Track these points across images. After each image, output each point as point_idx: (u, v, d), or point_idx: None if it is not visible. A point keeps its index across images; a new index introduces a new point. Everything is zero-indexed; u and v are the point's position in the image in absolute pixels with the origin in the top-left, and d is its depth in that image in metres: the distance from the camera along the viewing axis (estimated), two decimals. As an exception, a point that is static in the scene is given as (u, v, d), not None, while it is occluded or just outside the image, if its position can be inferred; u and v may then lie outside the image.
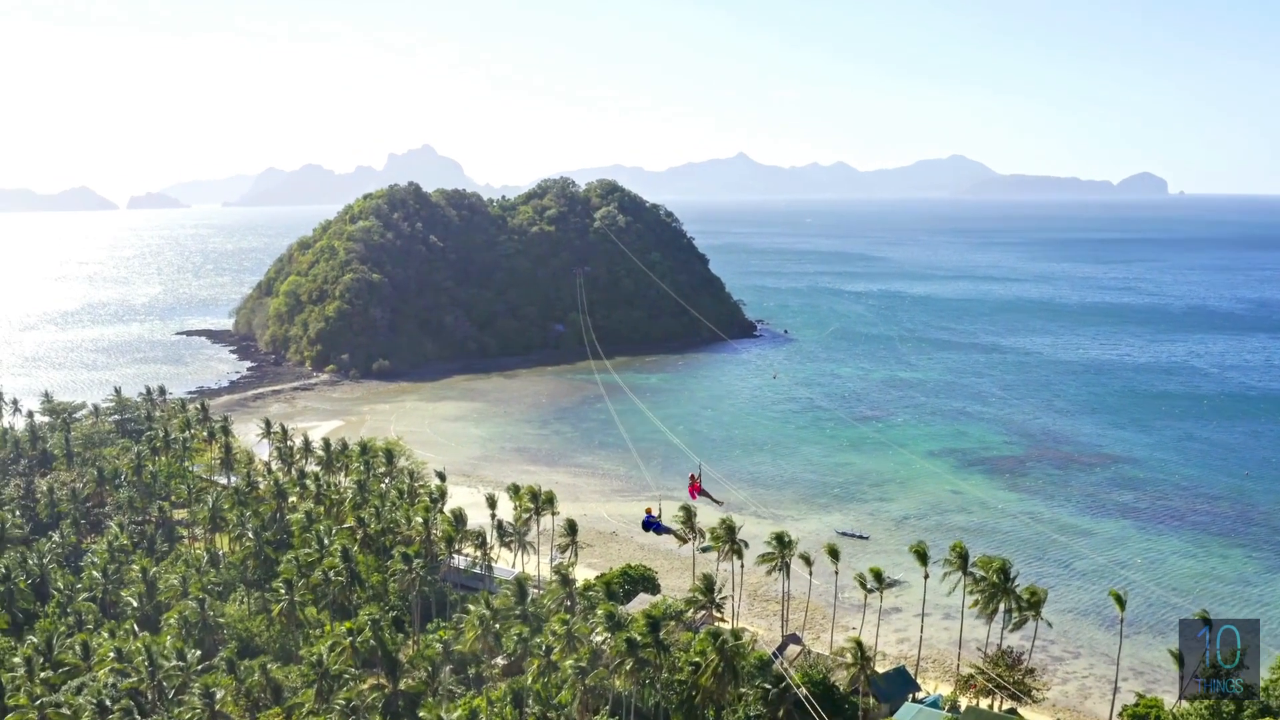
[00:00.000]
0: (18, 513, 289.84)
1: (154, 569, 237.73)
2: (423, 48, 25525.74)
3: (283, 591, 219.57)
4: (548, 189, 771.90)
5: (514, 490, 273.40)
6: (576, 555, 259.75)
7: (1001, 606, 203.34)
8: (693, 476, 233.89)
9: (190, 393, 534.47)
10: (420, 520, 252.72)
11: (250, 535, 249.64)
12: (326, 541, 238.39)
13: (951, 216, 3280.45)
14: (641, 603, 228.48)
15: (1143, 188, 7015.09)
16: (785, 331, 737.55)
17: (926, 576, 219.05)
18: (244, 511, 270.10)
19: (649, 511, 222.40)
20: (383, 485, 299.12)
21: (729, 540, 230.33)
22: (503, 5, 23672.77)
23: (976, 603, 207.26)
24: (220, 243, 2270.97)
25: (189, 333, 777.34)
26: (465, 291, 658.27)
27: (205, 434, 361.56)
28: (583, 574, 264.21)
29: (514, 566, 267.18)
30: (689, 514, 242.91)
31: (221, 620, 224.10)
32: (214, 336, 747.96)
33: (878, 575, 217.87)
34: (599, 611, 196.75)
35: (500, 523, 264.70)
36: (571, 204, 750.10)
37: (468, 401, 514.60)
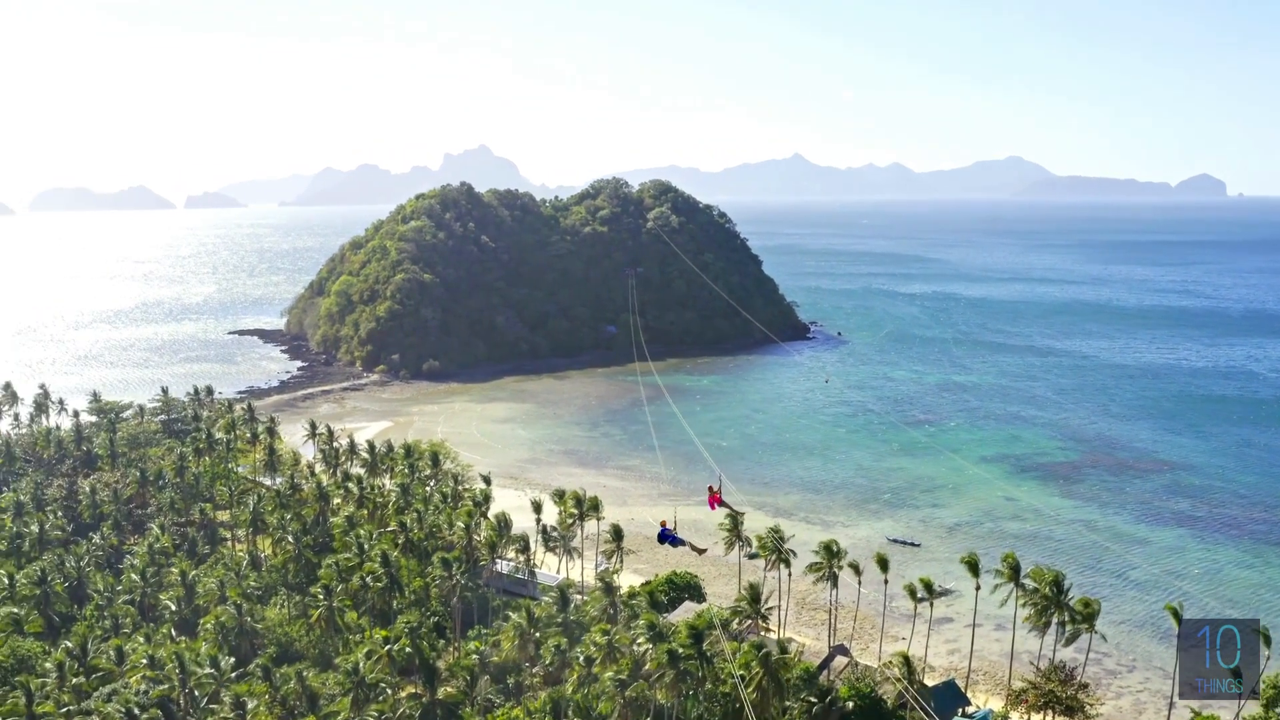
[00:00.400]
0: (59, 514, 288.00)
1: (193, 572, 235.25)
2: (479, 47, 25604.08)
3: (321, 597, 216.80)
4: (600, 189, 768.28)
5: (559, 495, 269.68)
6: (622, 561, 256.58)
7: (1055, 619, 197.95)
8: (711, 488, 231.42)
9: (240, 392, 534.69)
10: (462, 525, 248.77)
11: (290, 539, 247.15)
12: (367, 546, 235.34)
13: (1008, 218, 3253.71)
14: (686, 611, 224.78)
15: (1201, 189, 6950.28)
16: (839, 334, 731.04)
17: (978, 588, 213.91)
18: (285, 515, 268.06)
19: (664, 524, 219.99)
20: (427, 489, 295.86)
21: (776, 549, 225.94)
22: (560, 3, 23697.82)
23: (1029, 616, 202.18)
24: (276, 242, 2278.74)
25: (241, 332, 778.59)
26: (517, 292, 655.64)
27: (249, 435, 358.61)
28: (628, 580, 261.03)
29: (559, 572, 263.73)
30: (735, 522, 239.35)
31: (260, 625, 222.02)
32: (266, 336, 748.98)
33: (928, 585, 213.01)
34: (640, 621, 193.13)
35: (545, 528, 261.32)
36: (624, 204, 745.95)
37: (517, 403, 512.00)
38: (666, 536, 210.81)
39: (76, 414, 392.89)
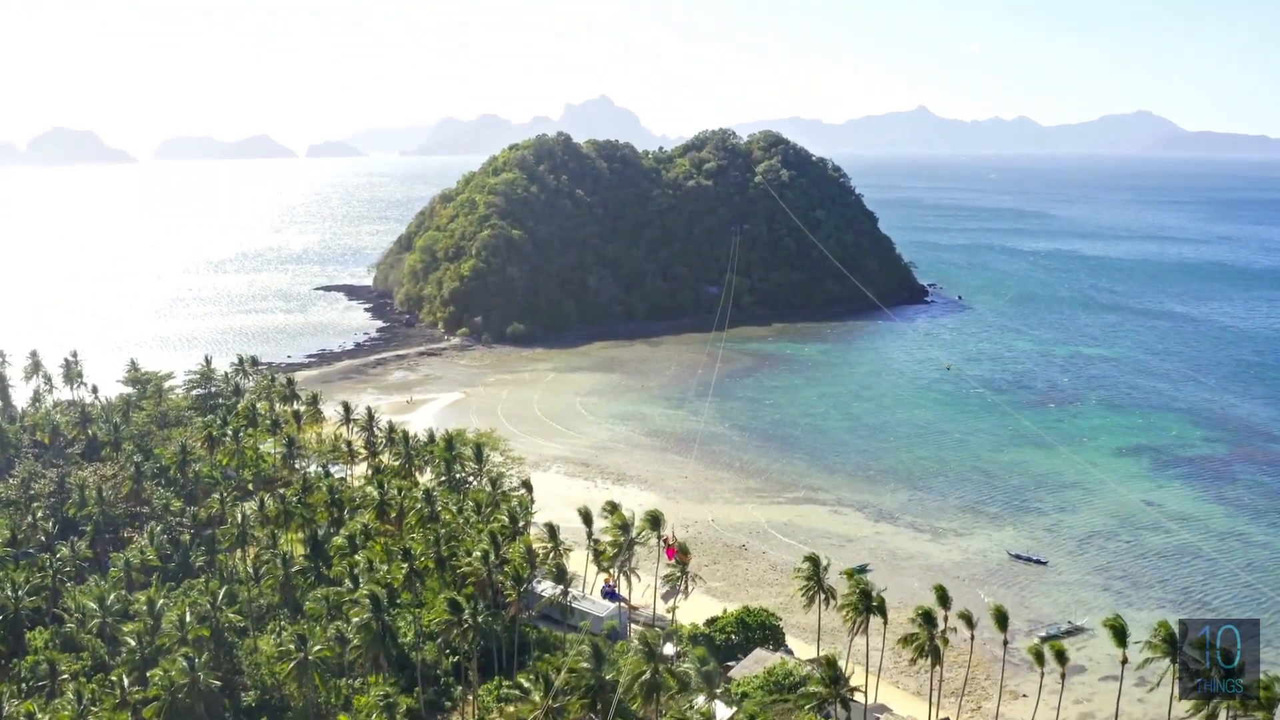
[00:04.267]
0: (40, 514, 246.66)
1: (161, 600, 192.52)
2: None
3: (294, 647, 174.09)
4: (706, 140, 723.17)
5: (611, 508, 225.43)
6: (689, 587, 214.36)
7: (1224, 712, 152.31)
8: (667, 540, 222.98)
9: (310, 356, 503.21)
10: (479, 554, 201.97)
11: (278, 563, 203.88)
12: (363, 579, 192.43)
13: (1136, 174, 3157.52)
14: (756, 662, 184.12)
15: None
16: (959, 297, 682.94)
17: (1124, 661, 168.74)
18: (275, 530, 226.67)
19: (608, 581, 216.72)
20: (462, 493, 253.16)
21: (864, 607, 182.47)
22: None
23: (1180, 698, 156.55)
24: (390, 191, 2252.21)
25: (328, 287, 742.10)
26: (612, 249, 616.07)
27: (269, 422, 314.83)
28: (697, 605, 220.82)
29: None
30: (815, 563, 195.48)
31: (251, 658, 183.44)
32: (352, 293, 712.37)
33: (1059, 653, 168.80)
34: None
35: (597, 542, 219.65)
36: (731, 157, 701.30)
37: (603, 373, 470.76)
38: (608, 593, 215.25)
39: (95, 389, 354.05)
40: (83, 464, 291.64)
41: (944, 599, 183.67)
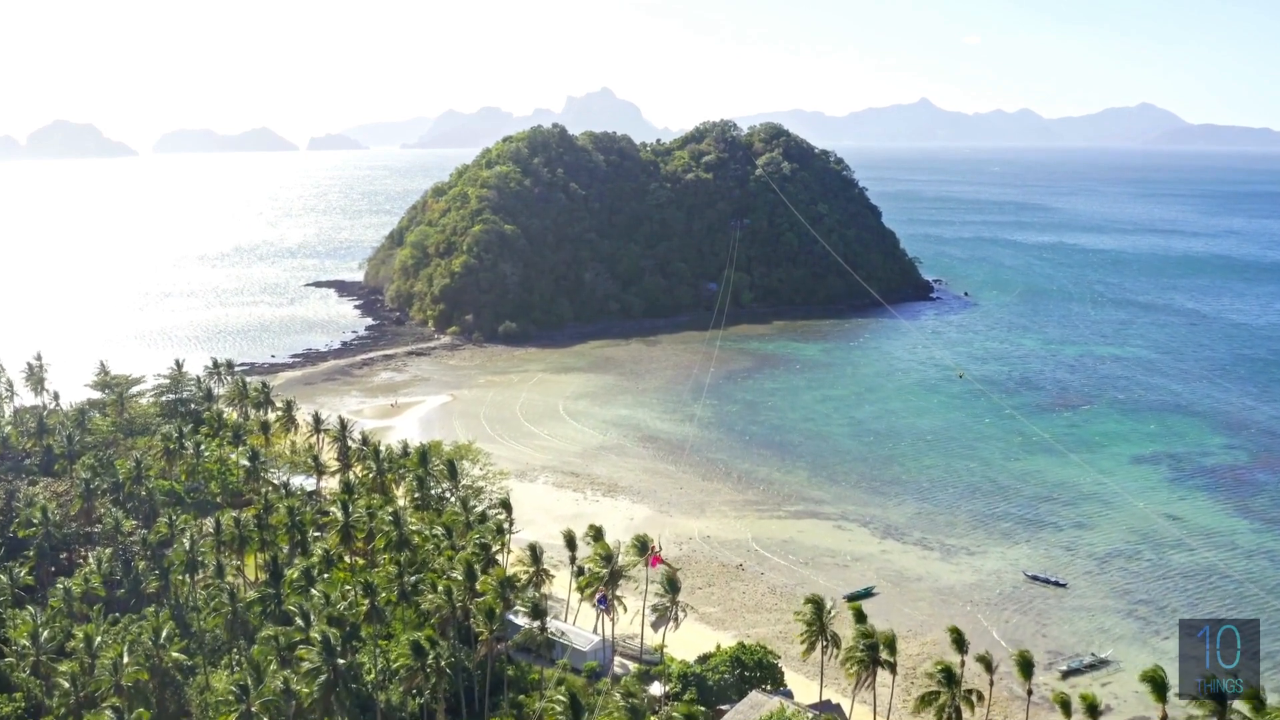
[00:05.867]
0: None
1: (99, 636, 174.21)
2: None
3: (234, 697, 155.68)
4: (705, 133, 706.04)
5: (595, 535, 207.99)
6: (680, 616, 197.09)
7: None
8: (652, 549, 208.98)
9: (294, 356, 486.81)
10: (443, 590, 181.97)
11: (225, 599, 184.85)
12: (314, 619, 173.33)
13: (1140, 166, 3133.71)
14: (754, 707, 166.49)
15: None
16: (965, 294, 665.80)
17: (1164, 718, 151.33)
18: (224, 559, 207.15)
19: (599, 592, 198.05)
20: (442, 507, 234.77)
21: (869, 660, 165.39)
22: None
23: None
24: (390, 184, 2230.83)
25: (319, 283, 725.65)
26: (609, 245, 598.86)
27: (231, 435, 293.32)
28: (691, 632, 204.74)
29: (598, 629, 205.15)
30: (818, 606, 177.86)
31: (201, 696, 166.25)
32: (343, 289, 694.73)
33: (1091, 708, 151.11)
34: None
35: (581, 569, 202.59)
36: (731, 149, 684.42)
37: (597, 374, 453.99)
38: (601, 600, 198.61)
39: (56, 396, 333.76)
40: (37, 478, 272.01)
41: (960, 643, 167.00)
